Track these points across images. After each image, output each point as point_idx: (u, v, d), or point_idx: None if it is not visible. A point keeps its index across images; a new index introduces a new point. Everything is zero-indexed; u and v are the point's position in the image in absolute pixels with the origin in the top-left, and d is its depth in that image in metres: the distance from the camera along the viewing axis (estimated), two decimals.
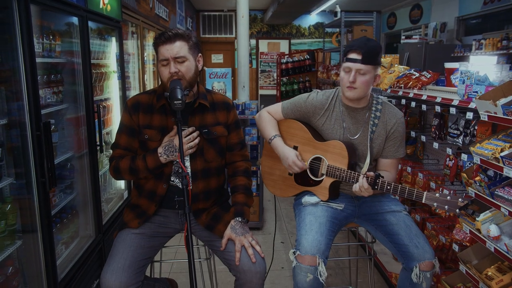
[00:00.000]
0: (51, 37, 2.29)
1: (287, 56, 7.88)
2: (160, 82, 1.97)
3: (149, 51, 5.49)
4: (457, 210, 1.70)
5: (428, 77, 3.13)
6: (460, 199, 1.70)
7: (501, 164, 1.72)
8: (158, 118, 1.92)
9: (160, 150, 1.85)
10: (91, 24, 2.64)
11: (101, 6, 2.78)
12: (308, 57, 7.68)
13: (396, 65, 3.82)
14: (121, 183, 3.52)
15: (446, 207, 1.73)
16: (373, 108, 2.08)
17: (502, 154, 1.73)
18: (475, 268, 1.91)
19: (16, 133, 1.86)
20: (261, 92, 11.07)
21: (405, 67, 3.60)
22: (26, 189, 1.90)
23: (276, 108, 2.26)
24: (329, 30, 10.68)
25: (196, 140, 1.88)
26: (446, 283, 2.16)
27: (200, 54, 1.91)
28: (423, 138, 2.66)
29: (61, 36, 2.43)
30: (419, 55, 6.46)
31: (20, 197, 1.91)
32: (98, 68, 3.00)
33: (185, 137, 1.86)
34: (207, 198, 1.97)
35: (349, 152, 1.99)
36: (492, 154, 1.78)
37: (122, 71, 3.32)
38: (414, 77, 3.19)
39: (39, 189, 1.90)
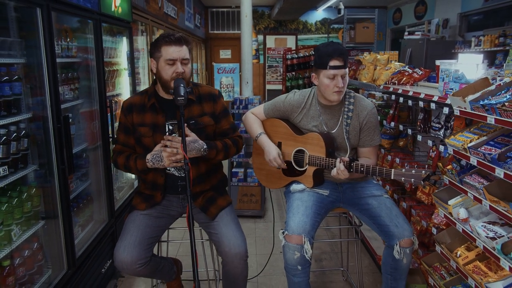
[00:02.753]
0: (68, 39, 2.53)
1: (293, 51, 8.06)
2: (151, 81, 2.18)
3: None
4: (421, 182, 1.92)
5: (420, 74, 3.33)
6: (423, 171, 1.93)
7: (468, 154, 1.93)
8: (150, 116, 2.14)
9: (148, 157, 2.04)
10: (103, 24, 2.88)
11: (113, 9, 3.02)
12: (313, 53, 7.83)
13: (392, 62, 4.00)
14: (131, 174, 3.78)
15: (412, 180, 1.95)
16: (346, 102, 2.29)
17: (469, 145, 1.93)
18: (447, 247, 2.12)
19: (39, 125, 2.11)
20: (268, 87, 11.27)
21: (400, 64, 3.79)
22: (48, 175, 2.15)
23: (259, 109, 2.50)
24: (335, 25, 10.82)
25: (179, 156, 1.99)
26: (425, 263, 2.38)
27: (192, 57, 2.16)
28: (409, 131, 2.86)
29: (77, 38, 2.67)
30: (421, 51, 6.61)
31: (43, 182, 2.16)
32: (110, 66, 3.24)
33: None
34: (200, 182, 2.20)
35: (325, 142, 2.22)
36: (461, 145, 1.98)
37: (133, 68, 3.57)
38: (407, 73, 3.38)
39: (59, 175, 2.16)
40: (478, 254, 1.96)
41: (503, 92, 1.88)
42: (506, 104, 1.68)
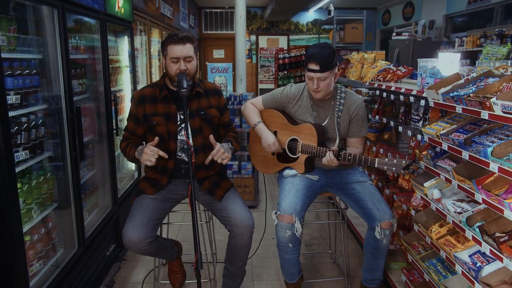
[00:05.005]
0: (77, 38, 2.73)
1: (285, 51, 8.30)
2: (161, 76, 2.40)
3: (155, 47, 5.93)
4: (402, 170, 2.16)
5: (403, 71, 3.58)
6: (403, 161, 2.16)
7: (440, 140, 2.17)
8: (162, 106, 2.35)
9: (139, 148, 2.26)
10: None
11: (116, 10, 3.22)
12: (304, 52, 8.09)
13: (379, 61, 4.25)
14: (132, 165, 3.98)
15: (393, 168, 2.18)
16: (338, 97, 2.52)
17: (442, 132, 2.17)
18: (423, 225, 2.36)
19: (54, 115, 2.31)
20: (260, 86, 11.50)
21: (386, 62, 4.04)
22: (62, 160, 2.36)
23: (258, 100, 2.73)
24: (326, 26, 11.09)
25: (153, 159, 2.16)
26: (404, 241, 2.61)
27: (198, 53, 2.36)
28: (392, 123, 3.10)
29: (84, 36, 2.87)
30: (408, 51, 6.88)
31: (56, 166, 2.37)
32: (113, 63, 3.44)
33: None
34: (207, 167, 2.42)
35: (317, 132, 2.45)
36: (435, 133, 2.22)
37: (133, 66, 3.77)
38: (392, 71, 3.63)
39: (71, 161, 2.37)
40: (449, 230, 2.20)
41: (470, 85, 2.12)
42: (471, 95, 1.92)
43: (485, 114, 1.81)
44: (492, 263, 1.84)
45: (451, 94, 2.09)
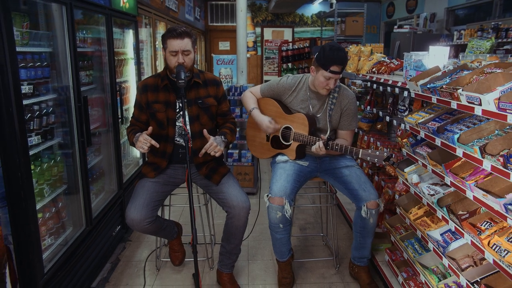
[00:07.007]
0: (84, 32, 2.92)
1: (289, 43, 8.44)
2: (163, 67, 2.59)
3: (160, 39, 6.11)
4: (383, 162, 2.33)
5: (396, 64, 3.73)
6: (385, 153, 2.33)
7: (419, 129, 2.34)
8: (163, 95, 2.54)
9: (136, 135, 2.42)
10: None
11: (121, 5, 3.41)
12: (307, 45, 8.23)
13: (375, 53, 4.40)
14: (137, 153, 4.19)
15: (376, 160, 2.36)
16: (332, 91, 2.68)
17: (420, 121, 2.34)
18: (404, 208, 2.54)
19: (63, 104, 2.51)
20: (265, 78, 11.64)
21: (382, 55, 4.19)
22: (70, 146, 2.56)
23: (256, 89, 2.91)
24: (331, 19, 11.17)
25: (145, 147, 2.33)
26: (388, 224, 2.79)
27: (196, 46, 2.54)
28: (381, 113, 3.27)
29: (91, 30, 3.06)
30: (408, 44, 6.99)
31: (65, 151, 2.57)
32: (118, 55, 3.63)
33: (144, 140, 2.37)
34: (204, 154, 2.60)
35: (309, 122, 2.62)
36: (415, 122, 2.39)
37: (138, 58, 3.96)
38: (385, 64, 3.79)
39: (79, 146, 2.57)
40: (426, 211, 2.38)
41: (447, 77, 2.28)
42: (444, 86, 2.08)
43: (454, 104, 1.98)
44: (458, 239, 2.02)
45: (428, 86, 2.26)
